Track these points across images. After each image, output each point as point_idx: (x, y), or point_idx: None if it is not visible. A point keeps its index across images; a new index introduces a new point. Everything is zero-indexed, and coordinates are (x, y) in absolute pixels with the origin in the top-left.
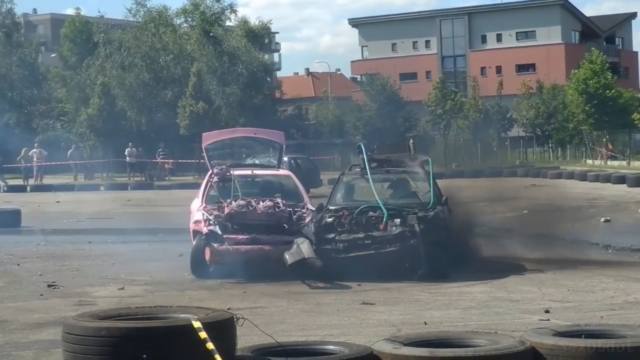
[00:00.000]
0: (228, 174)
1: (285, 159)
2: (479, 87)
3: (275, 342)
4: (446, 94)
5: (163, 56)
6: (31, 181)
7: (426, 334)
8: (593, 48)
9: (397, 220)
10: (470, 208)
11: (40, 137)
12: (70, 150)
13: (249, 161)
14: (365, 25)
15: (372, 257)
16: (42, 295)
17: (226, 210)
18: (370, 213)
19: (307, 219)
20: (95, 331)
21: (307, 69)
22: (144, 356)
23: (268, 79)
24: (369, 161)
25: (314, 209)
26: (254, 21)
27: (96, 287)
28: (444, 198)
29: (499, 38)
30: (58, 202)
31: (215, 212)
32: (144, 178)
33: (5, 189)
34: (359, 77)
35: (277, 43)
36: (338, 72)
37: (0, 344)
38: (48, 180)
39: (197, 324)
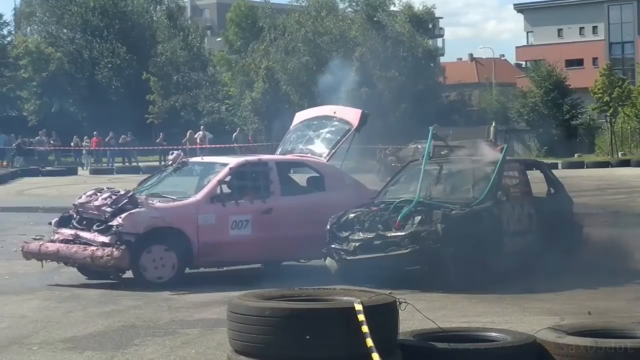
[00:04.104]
0: (182, 160)
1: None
2: None
3: (437, 328)
4: (613, 81)
5: (324, 40)
6: None
7: (591, 324)
8: None
9: (417, 218)
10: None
11: (206, 120)
12: (235, 134)
13: (411, 146)
14: (531, 10)
15: (382, 260)
16: (206, 274)
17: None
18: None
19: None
20: (260, 311)
21: (471, 55)
22: (307, 337)
23: (431, 64)
24: (434, 148)
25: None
26: (418, 6)
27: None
28: (499, 193)
29: None
30: None
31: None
32: None
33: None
34: (523, 63)
35: (441, 28)
36: (502, 58)
37: (166, 321)
38: None
39: (359, 307)
